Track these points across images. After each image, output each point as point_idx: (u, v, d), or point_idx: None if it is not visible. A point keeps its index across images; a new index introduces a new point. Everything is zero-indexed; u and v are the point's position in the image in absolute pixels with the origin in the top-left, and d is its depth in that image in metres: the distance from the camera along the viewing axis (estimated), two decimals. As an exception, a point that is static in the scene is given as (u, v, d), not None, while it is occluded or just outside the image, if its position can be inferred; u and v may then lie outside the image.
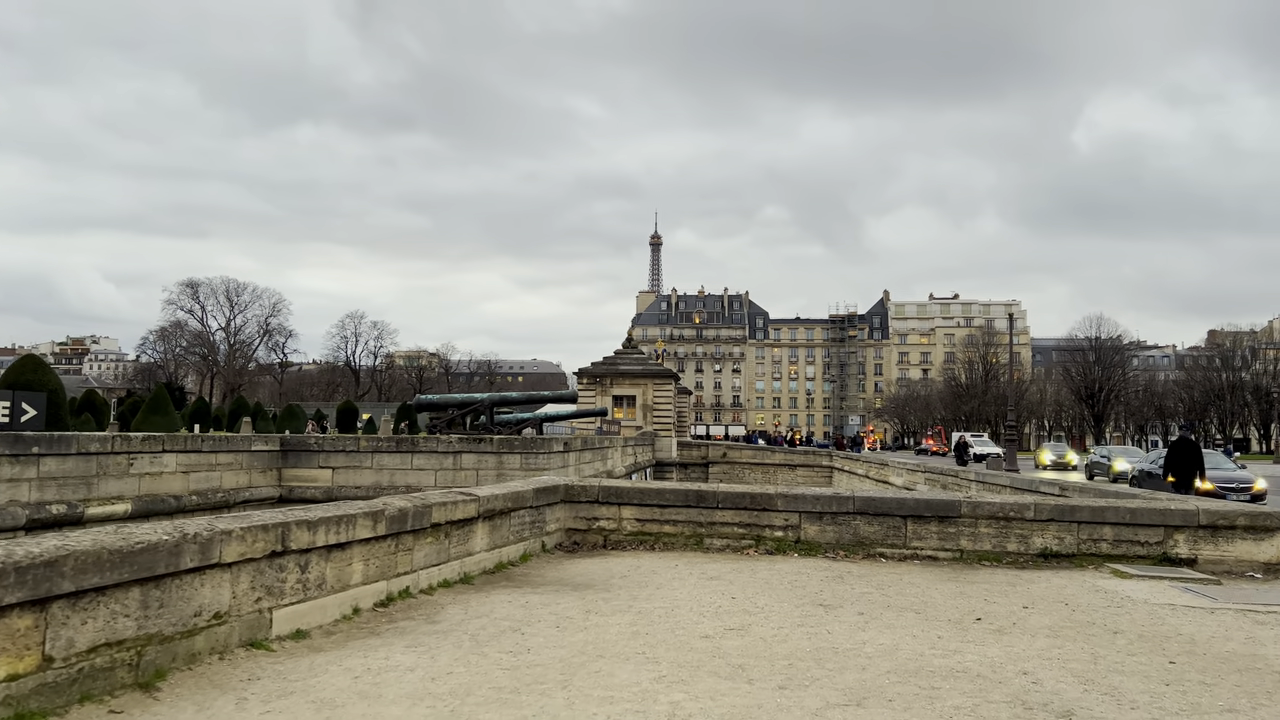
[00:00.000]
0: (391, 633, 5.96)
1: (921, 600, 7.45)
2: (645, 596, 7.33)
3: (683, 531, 10.24)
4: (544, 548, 9.75)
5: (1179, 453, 18.34)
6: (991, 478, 22.12)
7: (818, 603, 7.22)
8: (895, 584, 8.23)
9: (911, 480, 32.55)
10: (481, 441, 20.07)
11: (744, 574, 8.57)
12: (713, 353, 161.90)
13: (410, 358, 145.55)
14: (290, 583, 5.69)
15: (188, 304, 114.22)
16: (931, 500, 10.11)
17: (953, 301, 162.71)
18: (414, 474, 19.91)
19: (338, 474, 20.39)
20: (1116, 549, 9.84)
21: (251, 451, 19.66)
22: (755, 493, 10.28)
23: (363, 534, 6.40)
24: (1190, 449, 18.36)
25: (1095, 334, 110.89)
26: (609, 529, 10.32)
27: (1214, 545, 9.77)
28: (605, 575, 8.42)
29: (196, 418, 72.39)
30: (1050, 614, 7.00)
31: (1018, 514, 9.88)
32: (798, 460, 57.21)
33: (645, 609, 6.84)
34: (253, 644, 5.30)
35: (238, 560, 5.21)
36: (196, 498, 17.66)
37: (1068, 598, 7.70)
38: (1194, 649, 5.98)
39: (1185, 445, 18.53)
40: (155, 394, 56.58)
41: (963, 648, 5.85)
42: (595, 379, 50.74)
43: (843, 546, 10.02)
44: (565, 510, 10.30)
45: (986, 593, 7.90)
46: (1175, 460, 18.28)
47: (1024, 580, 8.68)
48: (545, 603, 7.04)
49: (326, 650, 5.45)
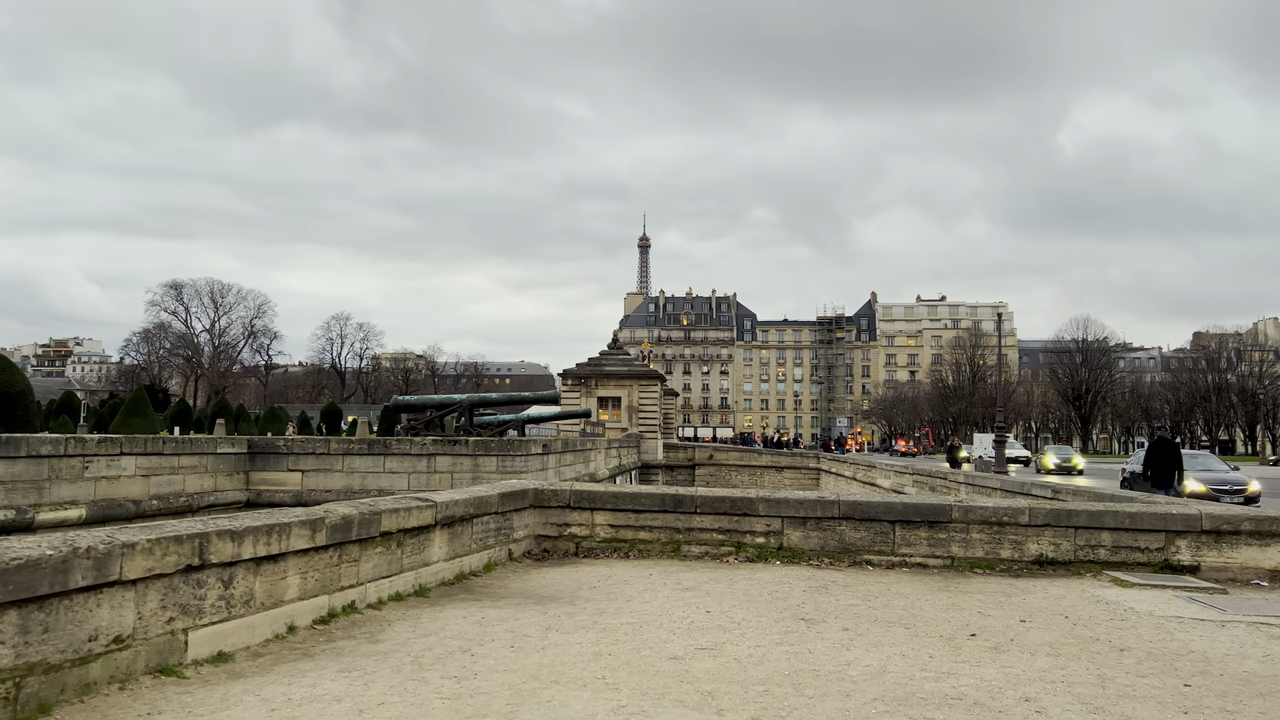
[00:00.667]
0: (327, 654, 5.38)
1: (911, 613, 6.92)
2: (613, 611, 6.77)
3: (659, 538, 9.69)
4: (511, 556, 9.18)
5: (1157, 452, 18.86)
6: (982, 480, 21.65)
7: (799, 617, 6.67)
8: (883, 594, 7.70)
9: (899, 482, 32.09)
10: (457, 444, 19.43)
11: (722, 584, 8.02)
12: (700, 354, 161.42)
13: (397, 359, 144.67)
14: (211, 600, 5.11)
15: (171, 305, 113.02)
16: (921, 504, 9.59)
17: (940, 304, 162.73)
18: (386, 477, 19.26)
19: (308, 477, 19.71)
20: (1115, 555, 9.33)
21: (217, 454, 18.93)
22: (735, 497, 9.73)
23: (299, 544, 5.82)
24: (1168, 448, 18.86)
25: (1082, 336, 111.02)
26: (581, 536, 9.76)
27: (1217, 551, 9.28)
28: (573, 586, 7.86)
29: (177, 420, 71.33)
30: (1050, 628, 6.48)
31: (1011, 519, 9.37)
32: (785, 462, 56.72)
33: (611, 625, 6.28)
34: (163, 670, 4.72)
35: (144, 576, 4.62)
36: (157, 502, 16.96)
37: (1067, 610, 7.18)
38: (1209, 669, 5.46)
39: (1163, 445, 19.03)
40: (134, 396, 55.66)
41: (957, 669, 5.32)
42: (580, 380, 50.14)
43: (827, 553, 9.50)
44: (534, 516, 9.73)
45: (980, 604, 7.37)
46: (1154, 460, 18.80)
47: (1019, 590, 8.16)
48: (503, 618, 6.47)
49: (248, 676, 4.87)
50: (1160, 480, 18.72)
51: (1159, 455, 18.96)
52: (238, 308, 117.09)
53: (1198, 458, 25.87)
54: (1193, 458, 25.32)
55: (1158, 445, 19.32)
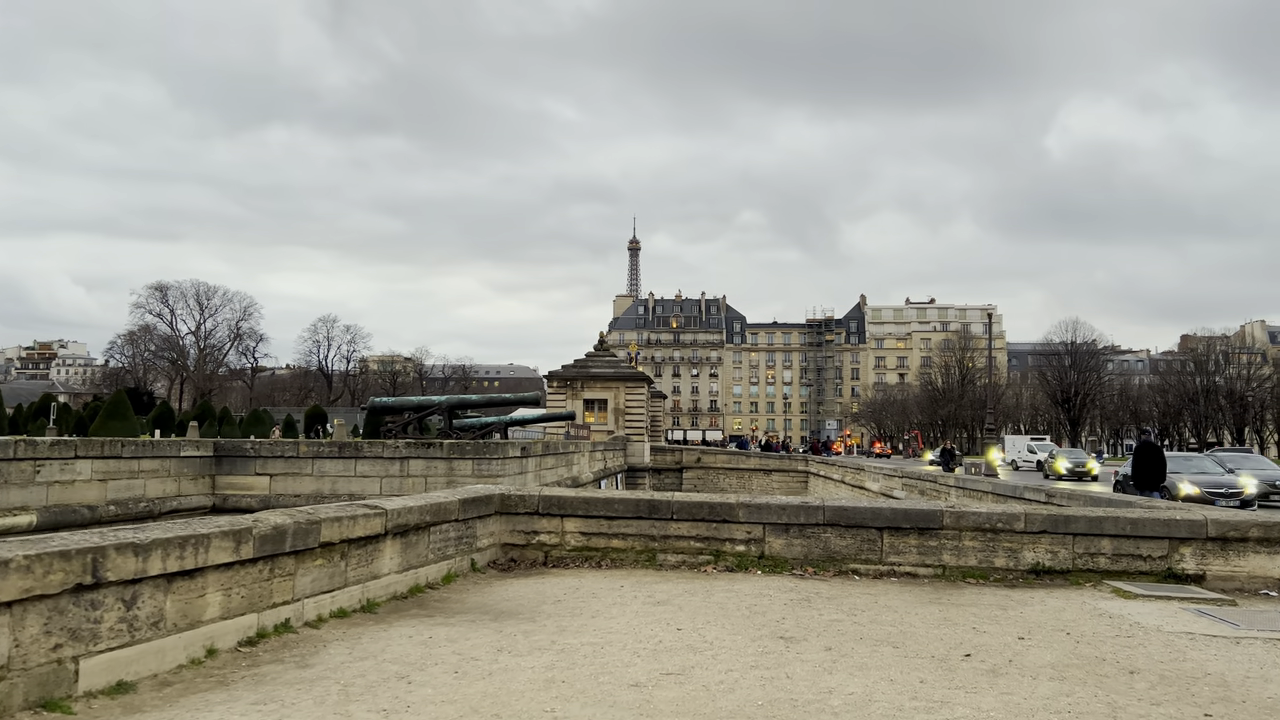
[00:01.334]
0: (246, 682, 4.79)
1: (900, 630, 6.37)
2: (575, 628, 6.20)
3: (633, 546, 9.12)
4: (474, 566, 8.59)
5: (1142, 457, 19.19)
6: (972, 483, 21.14)
7: (778, 635, 6.11)
8: (870, 608, 7.15)
9: (888, 485, 31.59)
10: (431, 446, 18.76)
11: (697, 597, 7.46)
12: (690, 357, 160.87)
13: (384, 362, 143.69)
14: (109, 623, 4.51)
15: (156, 307, 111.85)
16: (910, 510, 9.04)
17: (929, 306, 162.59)
18: (358, 481, 18.58)
19: (275, 481, 19.01)
20: (1116, 564, 8.81)
21: (181, 458, 18.18)
22: (714, 503, 9.17)
23: (221, 558, 5.23)
24: (1152, 452, 19.23)
25: (1071, 338, 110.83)
26: (550, 544, 9.18)
27: (1224, 560, 8.76)
28: (536, 600, 7.28)
29: (159, 423, 70.39)
30: (1052, 647, 5.94)
31: (1006, 525, 8.84)
32: (773, 465, 56.17)
33: (571, 646, 5.71)
34: (46, 705, 4.13)
35: (21, 598, 4.03)
36: (115, 508, 16.24)
37: (1068, 624, 6.64)
38: (1229, 695, 4.93)
39: (1147, 448, 19.36)
40: (114, 398, 54.85)
41: (951, 696, 4.77)
42: (566, 382, 49.50)
43: (811, 562, 8.94)
44: (500, 523, 9.15)
45: (975, 619, 6.83)
46: (1139, 464, 19.15)
47: (1015, 602, 7.62)
48: (453, 638, 5.89)
49: (145, 710, 4.28)
50: (1145, 485, 18.91)
51: (1144, 460, 19.15)
52: (224, 310, 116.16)
53: (1193, 461, 25.38)
54: (1187, 461, 24.87)
55: (1142, 449, 19.50)
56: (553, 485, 23.21)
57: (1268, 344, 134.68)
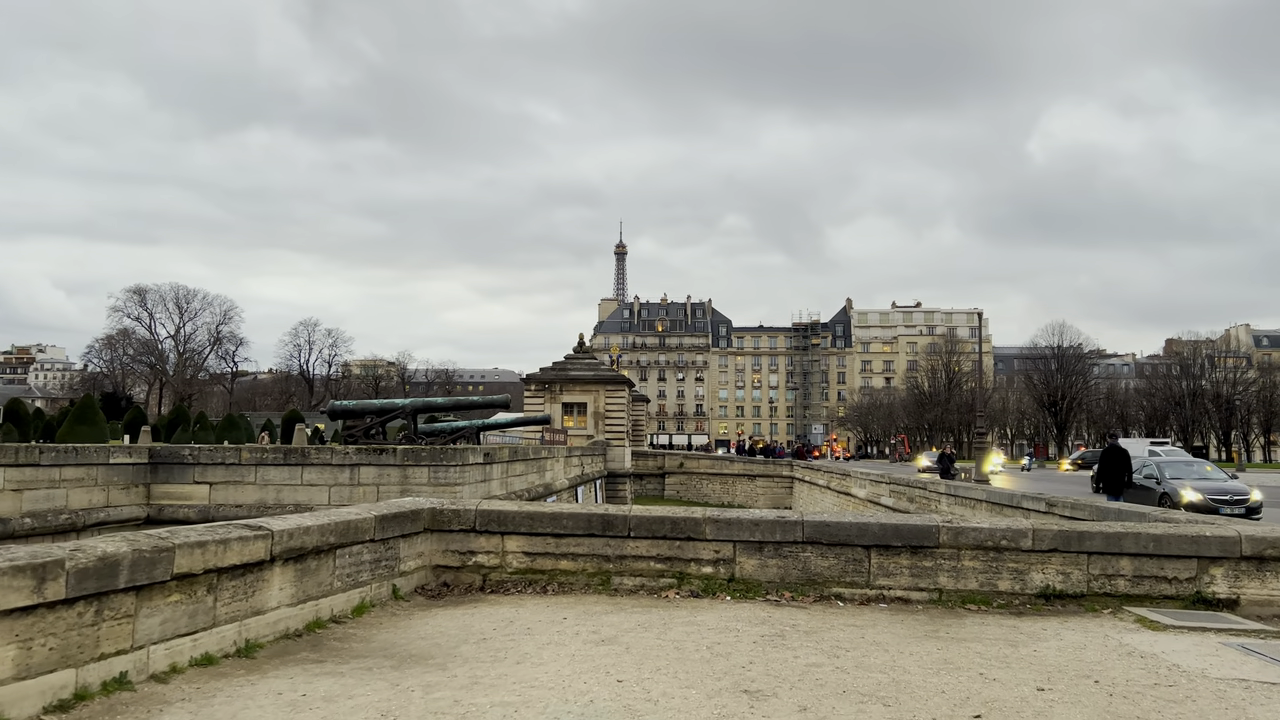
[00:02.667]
0: (23, 772, 3.59)
1: (892, 678, 5.21)
2: (491, 680, 5.01)
3: (585, 568, 7.94)
4: (396, 593, 7.38)
5: (1108, 460, 19.01)
6: (965, 490, 20.04)
7: (741, 688, 4.94)
8: (856, 645, 6.00)
9: (875, 492, 30.48)
10: (384, 453, 17.46)
11: (651, 632, 6.28)
12: (675, 361, 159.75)
13: (367, 366, 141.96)
14: None
15: (135, 311, 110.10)
16: (902, 526, 7.89)
17: (915, 310, 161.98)
18: (304, 490, 17.25)
19: (216, 490, 17.64)
20: (1137, 587, 7.69)
21: (110, 465, 16.79)
22: (678, 518, 8.00)
23: (13, 601, 4.03)
24: (1119, 455, 19.03)
25: (1058, 342, 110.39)
26: (489, 566, 7.99)
27: (1260, 582, 7.66)
28: (458, 638, 6.08)
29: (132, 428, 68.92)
30: (1080, 702, 4.78)
31: (1011, 543, 7.71)
32: (757, 470, 55.00)
33: (478, 707, 4.52)
34: None
35: None
36: (31, 520, 14.84)
37: (1094, 668, 5.50)
38: (1321, 777, 3.78)
39: (1114, 452, 19.18)
40: (82, 403, 53.37)
41: (961, 785, 3.61)
42: (543, 385, 48.21)
43: (789, 586, 7.79)
44: (430, 542, 7.95)
45: (981, 660, 5.68)
46: (1105, 468, 18.95)
47: (1026, 635, 6.49)
48: (332, 695, 4.69)
49: None
50: (1111, 488, 18.65)
51: (1110, 463, 18.90)
52: (203, 314, 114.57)
53: (1193, 466, 24.33)
54: (1188, 465, 23.84)
55: (1109, 453, 19.34)
56: (520, 494, 21.95)
57: (1253, 348, 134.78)
